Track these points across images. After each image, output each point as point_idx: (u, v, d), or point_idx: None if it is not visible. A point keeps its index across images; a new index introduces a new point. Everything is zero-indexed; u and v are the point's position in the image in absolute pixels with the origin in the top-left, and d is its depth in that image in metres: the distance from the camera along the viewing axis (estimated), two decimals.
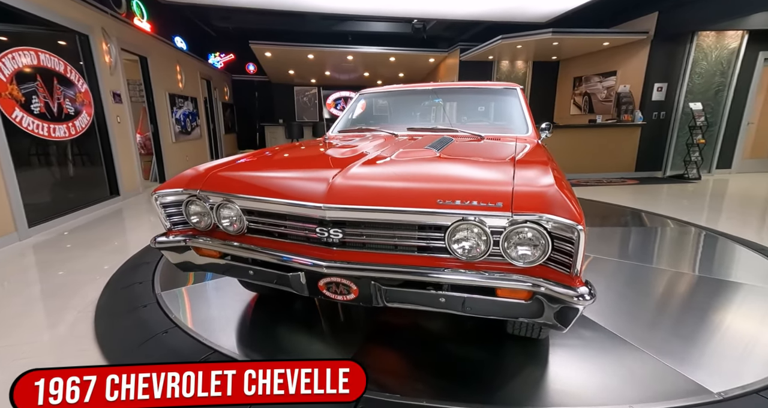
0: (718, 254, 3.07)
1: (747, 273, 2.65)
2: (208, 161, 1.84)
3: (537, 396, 1.38)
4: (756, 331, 1.87)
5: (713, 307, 2.10)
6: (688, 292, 2.36)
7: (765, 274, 2.57)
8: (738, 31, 6.47)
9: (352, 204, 1.28)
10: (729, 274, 2.61)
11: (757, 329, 1.89)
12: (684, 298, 2.28)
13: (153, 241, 1.61)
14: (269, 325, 1.94)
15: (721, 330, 1.86)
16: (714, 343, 1.75)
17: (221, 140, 10.65)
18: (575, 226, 1.04)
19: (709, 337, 1.79)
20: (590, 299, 1.04)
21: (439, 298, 1.29)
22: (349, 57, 9.08)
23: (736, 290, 2.33)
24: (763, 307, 2.12)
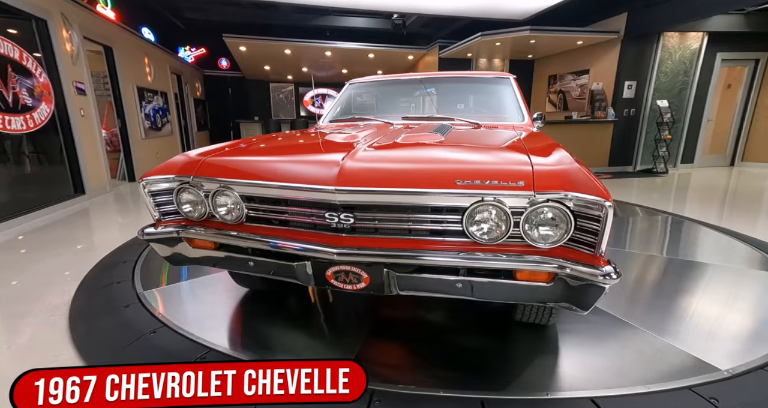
0: (684, 236, 3.33)
1: (716, 254, 2.86)
2: None
3: (553, 381, 1.37)
4: (742, 310, 1.94)
5: (694, 288, 2.19)
6: (674, 274, 2.44)
7: (737, 255, 2.70)
8: (698, 32, 6.84)
9: (366, 186, 1.21)
10: (700, 256, 2.74)
11: (744, 308, 1.97)
12: (670, 280, 2.35)
13: (141, 232, 1.48)
14: (264, 322, 1.84)
15: (711, 310, 1.92)
16: (708, 322, 1.80)
17: (193, 137, 10.25)
18: (603, 202, 1.02)
19: (701, 316, 1.85)
20: (617, 278, 1.03)
21: (456, 283, 1.25)
22: (327, 53, 8.93)
23: (714, 271, 2.43)
24: (736, 285, 2.22)
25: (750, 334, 1.70)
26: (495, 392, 1.29)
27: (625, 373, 1.38)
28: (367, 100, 2.83)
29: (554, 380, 1.37)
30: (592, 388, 1.30)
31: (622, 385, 1.30)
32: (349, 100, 2.80)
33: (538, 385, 1.33)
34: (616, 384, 1.31)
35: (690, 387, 1.27)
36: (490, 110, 2.42)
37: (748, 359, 1.43)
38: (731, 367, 1.38)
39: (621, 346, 1.57)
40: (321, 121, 2.65)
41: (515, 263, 1.14)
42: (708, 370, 1.37)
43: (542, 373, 1.42)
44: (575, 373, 1.41)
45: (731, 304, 1.98)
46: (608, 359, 1.49)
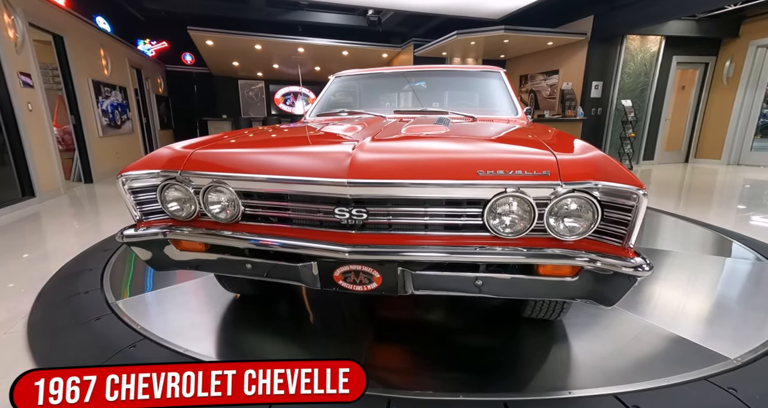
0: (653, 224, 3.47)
1: (678, 240, 3.05)
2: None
3: (573, 378, 1.33)
4: (721, 295, 2.01)
5: (670, 275, 2.25)
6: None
7: (706, 242, 2.84)
8: (657, 36, 7.22)
9: (382, 178, 1.12)
10: (666, 244, 2.85)
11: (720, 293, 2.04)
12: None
13: (120, 235, 1.30)
14: (256, 330, 1.70)
15: (695, 296, 1.98)
16: (698, 310, 1.84)
17: (156, 136, 9.68)
18: (637, 190, 0.98)
19: (689, 304, 1.89)
20: (649, 270, 1.00)
21: (476, 280, 1.18)
22: (300, 49, 8.70)
23: (678, 257, 2.52)
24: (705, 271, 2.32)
25: (742, 319, 1.75)
26: (516, 393, 1.24)
27: (642, 367, 1.37)
28: (355, 94, 2.73)
29: (573, 377, 1.34)
30: (614, 383, 1.27)
31: (643, 379, 1.28)
32: (335, 94, 2.68)
33: (558, 383, 1.29)
34: (637, 378, 1.29)
35: (706, 378, 1.27)
36: (483, 104, 2.39)
37: (751, 346, 1.46)
38: (739, 355, 1.40)
39: (630, 339, 1.57)
40: (308, 115, 2.52)
41: (543, 258, 1.09)
42: (719, 359, 1.39)
43: (560, 371, 1.38)
44: (592, 369, 1.38)
45: (709, 290, 2.05)
46: (622, 353, 1.48)
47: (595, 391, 1.22)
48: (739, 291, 2.10)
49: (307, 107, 12.40)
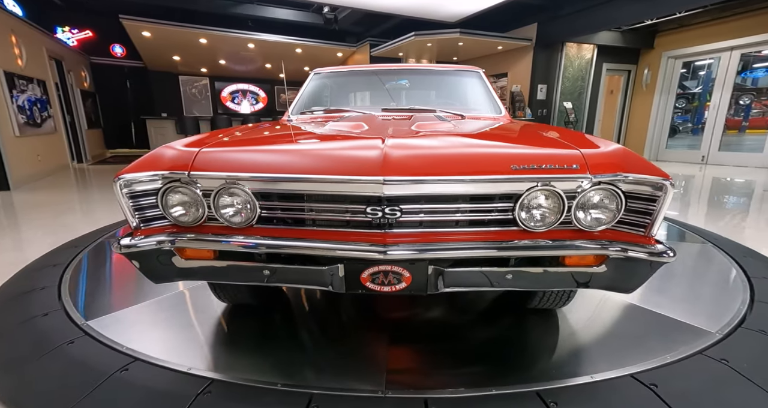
0: None
1: None
2: (69, 161, 1.38)
3: (591, 363, 1.40)
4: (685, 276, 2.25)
5: None
6: None
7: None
8: (590, 44, 7.94)
9: (419, 175, 1.10)
10: None
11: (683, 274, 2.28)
12: None
13: (116, 245, 1.14)
14: (260, 341, 1.58)
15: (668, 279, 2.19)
16: (676, 291, 2.04)
17: (83, 136, 8.69)
18: (664, 181, 1.06)
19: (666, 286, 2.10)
20: (673, 256, 1.08)
21: (506, 275, 1.20)
22: (250, 45, 8.31)
23: None
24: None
25: (707, 296, 1.97)
26: (544, 382, 1.28)
27: (641, 346, 1.49)
28: (336, 91, 2.65)
29: (588, 362, 1.41)
30: (618, 367, 1.36)
31: (644, 359, 1.39)
32: (315, 91, 2.59)
33: (577, 369, 1.36)
34: (637, 360, 1.39)
35: (700, 352, 1.41)
36: (467, 102, 2.44)
37: (725, 319, 1.65)
38: (718, 328, 1.58)
39: (624, 323, 1.69)
40: (290, 112, 2.40)
41: (580, 249, 1.12)
42: (703, 334, 1.55)
43: (572, 357, 1.45)
44: (600, 353, 1.47)
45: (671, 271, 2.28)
46: (621, 335, 1.59)
47: (613, 374, 1.30)
48: (698, 271, 2.35)
49: (257, 106, 11.83)
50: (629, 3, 6.45)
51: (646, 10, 6.42)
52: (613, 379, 1.28)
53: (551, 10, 7.10)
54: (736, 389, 1.22)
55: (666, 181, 1.06)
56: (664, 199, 1.07)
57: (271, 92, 12.00)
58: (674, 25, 7.97)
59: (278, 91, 12.02)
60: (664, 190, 1.06)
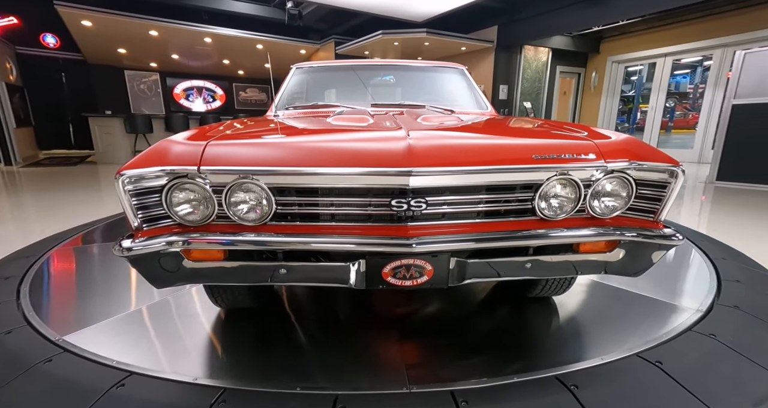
0: None
1: None
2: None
3: (601, 345, 1.47)
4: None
5: None
6: None
7: None
8: (545, 48, 8.38)
9: (446, 165, 1.09)
10: None
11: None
12: None
13: (118, 248, 1.03)
14: (265, 344, 1.49)
15: None
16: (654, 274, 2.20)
17: (11, 136, 7.81)
18: (675, 168, 1.13)
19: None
20: (682, 239, 1.15)
21: (525, 264, 1.23)
22: (207, 39, 7.89)
23: None
24: None
25: (682, 278, 2.14)
26: (562, 366, 1.32)
27: (642, 326, 1.59)
28: (320, 86, 2.58)
29: (594, 345, 1.48)
30: (626, 345, 1.44)
31: (646, 337, 1.48)
32: (299, 86, 2.51)
33: (589, 352, 1.41)
34: (634, 344, 1.47)
35: (690, 328, 1.53)
36: (453, 99, 2.47)
37: (700, 298, 1.80)
38: (697, 307, 1.71)
39: (617, 304, 1.79)
40: (275, 108, 2.30)
41: (600, 236, 1.16)
42: (687, 311, 1.68)
43: (578, 341, 1.51)
44: (603, 335, 1.54)
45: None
46: (619, 318, 1.68)
47: (620, 354, 1.37)
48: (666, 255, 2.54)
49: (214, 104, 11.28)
50: (579, 10, 6.89)
51: (594, 17, 6.88)
52: (622, 359, 1.35)
53: (510, 13, 7.41)
54: (727, 361, 1.33)
55: (678, 167, 1.12)
56: (675, 185, 1.13)
57: (230, 90, 11.49)
58: (617, 33, 8.62)
59: (237, 89, 11.54)
60: (675, 176, 1.13)
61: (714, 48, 7.65)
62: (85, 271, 2.25)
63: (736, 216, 3.65)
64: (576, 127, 1.46)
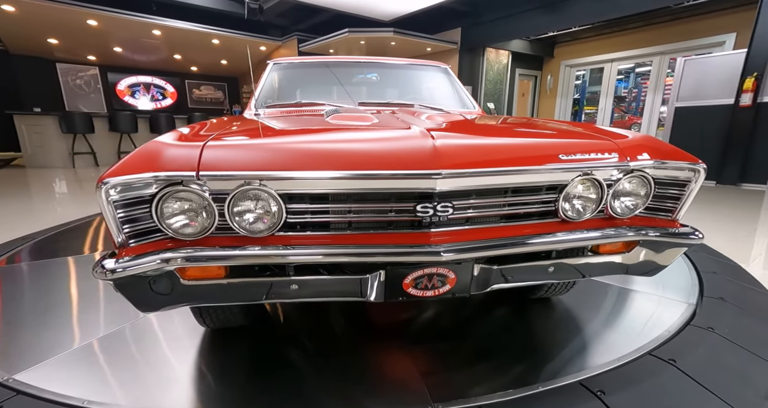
0: None
1: None
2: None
3: (606, 348, 1.46)
4: None
5: None
6: None
7: None
8: (506, 51, 8.66)
9: (474, 166, 1.01)
10: None
11: None
12: None
13: (101, 270, 0.84)
14: (268, 368, 1.34)
15: None
16: None
17: None
18: (697, 166, 1.13)
19: None
20: (702, 237, 1.16)
21: (549, 268, 1.18)
22: (155, 31, 7.30)
23: None
24: None
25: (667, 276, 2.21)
26: (583, 371, 1.29)
27: (645, 322, 1.61)
28: (300, 83, 2.42)
29: (611, 346, 1.45)
30: (636, 344, 1.45)
31: (652, 335, 1.50)
32: (278, 83, 2.33)
33: (605, 354, 1.40)
34: (648, 335, 1.50)
35: (688, 323, 1.57)
36: (439, 98, 2.41)
37: (687, 293, 1.87)
38: (690, 302, 1.78)
39: (618, 303, 1.82)
40: (253, 106, 2.12)
41: (625, 236, 1.14)
42: (682, 306, 1.73)
43: (596, 343, 1.48)
44: (613, 336, 1.54)
45: None
46: (622, 316, 1.70)
47: (635, 355, 1.37)
48: None
49: (164, 102, 10.56)
50: (537, 16, 7.18)
51: (550, 23, 7.21)
52: (637, 359, 1.35)
53: (473, 16, 7.56)
54: (730, 355, 1.37)
55: (700, 165, 1.13)
56: (696, 183, 1.14)
57: (182, 87, 10.76)
58: (569, 38, 9.10)
59: (190, 86, 10.83)
60: (697, 174, 1.13)
61: (653, 55, 8.29)
62: (20, 295, 1.92)
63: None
64: (580, 125, 1.44)
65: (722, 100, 5.57)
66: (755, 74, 5.26)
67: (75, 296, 1.89)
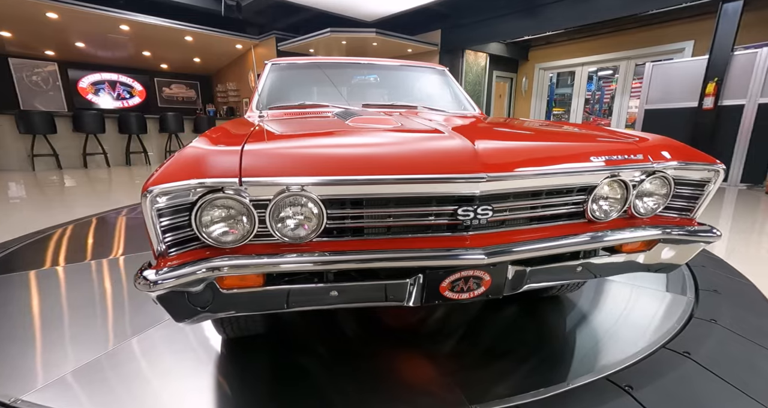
0: None
1: None
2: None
3: (623, 343, 1.51)
4: None
5: None
6: None
7: None
8: (484, 53, 8.84)
9: (514, 169, 1.02)
10: None
11: None
12: None
13: (143, 282, 0.79)
14: (295, 377, 1.29)
15: None
16: None
17: None
18: (717, 167, 1.18)
19: None
20: (720, 234, 1.22)
21: (577, 268, 1.21)
22: (123, 27, 6.93)
23: None
24: None
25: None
26: (609, 367, 1.33)
27: (655, 316, 1.67)
28: (301, 85, 2.36)
29: (629, 341, 1.49)
30: (648, 338, 1.50)
31: (663, 329, 1.56)
32: (277, 84, 2.26)
33: (625, 349, 1.44)
34: (660, 329, 1.56)
35: (691, 316, 1.65)
36: (439, 99, 2.41)
37: (681, 288, 1.96)
38: (689, 297, 1.86)
39: (626, 301, 1.88)
40: (254, 107, 2.05)
41: (653, 234, 1.17)
42: (683, 300, 1.81)
43: (613, 339, 1.52)
44: (628, 331, 1.59)
45: None
46: (631, 312, 1.76)
47: (651, 348, 1.42)
48: None
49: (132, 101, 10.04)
50: (515, 20, 7.37)
51: (527, 28, 7.42)
52: (654, 352, 1.40)
53: (454, 18, 7.66)
54: (736, 347, 1.45)
55: (720, 166, 1.18)
56: (716, 183, 1.19)
57: (151, 85, 10.27)
58: (543, 42, 9.40)
59: (160, 85, 10.36)
60: (716, 174, 1.18)
61: (620, 60, 8.70)
62: (17, 313, 1.77)
63: None
64: (593, 127, 1.48)
65: (687, 103, 5.92)
66: (716, 79, 5.62)
67: (72, 307, 1.76)
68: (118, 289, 1.98)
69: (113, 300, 1.84)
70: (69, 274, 2.19)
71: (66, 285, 2.04)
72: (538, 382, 1.26)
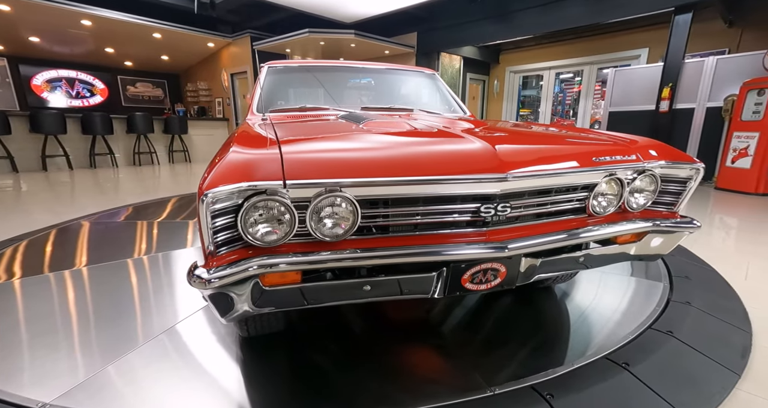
0: None
1: None
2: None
3: (616, 325, 1.65)
4: None
5: None
6: None
7: None
8: (458, 56, 9.08)
9: (534, 170, 1.12)
10: None
11: None
12: None
13: (198, 281, 0.81)
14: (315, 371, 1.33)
15: None
16: None
17: None
18: (699, 166, 1.33)
19: None
20: (700, 225, 1.37)
21: (579, 258, 1.33)
22: (84, 22, 6.57)
23: None
24: None
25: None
26: (607, 348, 1.46)
27: (635, 300, 1.84)
28: (297, 87, 2.38)
29: (618, 322, 1.65)
30: (636, 320, 1.66)
31: (645, 311, 1.72)
32: (276, 87, 2.28)
33: (618, 331, 1.58)
34: (643, 311, 1.72)
35: (669, 300, 1.83)
36: (431, 103, 2.51)
37: (657, 275, 2.15)
38: (663, 284, 2.05)
39: (611, 289, 2.04)
40: (254, 110, 2.05)
41: (647, 227, 1.31)
42: (658, 287, 2.00)
43: (604, 322, 1.67)
44: (618, 316, 1.74)
45: None
46: (614, 298, 1.92)
47: (643, 328, 1.58)
48: None
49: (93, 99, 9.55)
50: (488, 25, 7.63)
51: (499, 32, 7.70)
52: (643, 333, 1.56)
53: (429, 21, 7.83)
54: (711, 325, 1.63)
55: (700, 165, 1.34)
56: (696, 180, 1.35)
57: (114, 83, 9.78)
58: (512, 46, 9.77)
59: (124, 83, 9.88)
60: (697, 172, 1.34)
61: (584, 64, 9.21)
62: (31, 314, 1.68)
63: None
64: (585, 131, 1.62)
65: (646, 106, 6.37)
66: (670, 84, 6.09)
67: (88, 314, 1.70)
68: (130, 290, 1.93)
69: (140, 299, 1.80)
70: (93, 273, 2.10)
71: (89, 286, 1.96)
72: (545, 364, 1.37)
